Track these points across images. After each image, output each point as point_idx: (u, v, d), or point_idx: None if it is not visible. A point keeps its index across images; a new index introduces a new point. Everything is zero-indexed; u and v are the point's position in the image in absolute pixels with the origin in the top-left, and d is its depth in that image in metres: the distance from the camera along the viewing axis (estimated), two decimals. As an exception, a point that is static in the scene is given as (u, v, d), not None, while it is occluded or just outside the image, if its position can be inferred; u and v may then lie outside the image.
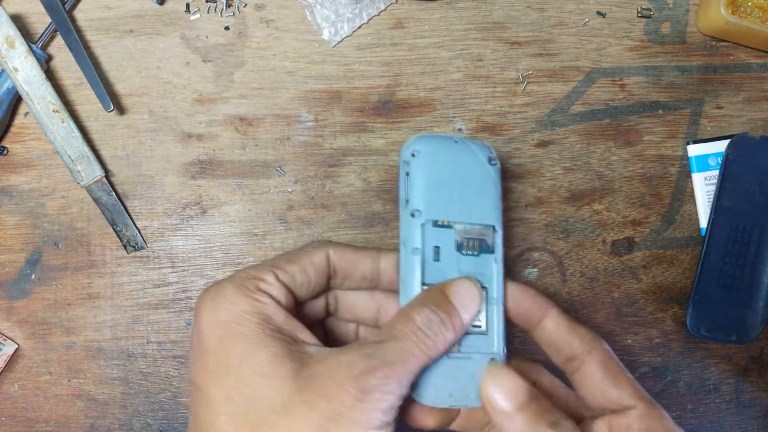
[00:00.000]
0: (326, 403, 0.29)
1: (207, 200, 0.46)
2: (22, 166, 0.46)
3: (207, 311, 0.32)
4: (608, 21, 0.48)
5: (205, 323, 0.31)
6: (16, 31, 0.42)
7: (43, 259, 0.46)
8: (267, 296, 0.32)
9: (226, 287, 0.32)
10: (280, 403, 0.29)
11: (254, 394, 0.30)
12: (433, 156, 0.35)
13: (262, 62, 0.46)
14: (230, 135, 0.46)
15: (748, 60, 0.49)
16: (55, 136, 0.43)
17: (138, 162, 0.46)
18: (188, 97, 0.46)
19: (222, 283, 0.32)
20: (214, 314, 0.31)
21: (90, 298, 0.46)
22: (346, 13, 0.46)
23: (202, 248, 0.46)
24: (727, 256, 0.46)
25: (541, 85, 0.47)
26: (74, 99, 0.46)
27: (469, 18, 0.47)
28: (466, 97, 0.47)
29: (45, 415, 0.46)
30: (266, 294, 0.32)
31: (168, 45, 0.46)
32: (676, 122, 0.48)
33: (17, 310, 0.46)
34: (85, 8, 0.45)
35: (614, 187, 0.48)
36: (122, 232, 0.46)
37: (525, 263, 0.48)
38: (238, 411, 0.29)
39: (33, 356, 0.46)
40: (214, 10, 0.46)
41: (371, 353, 0.30)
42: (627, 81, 0.48)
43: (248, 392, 0.30)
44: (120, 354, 0.46)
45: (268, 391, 0.29)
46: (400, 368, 0.30)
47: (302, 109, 0.46)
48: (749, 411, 0.49)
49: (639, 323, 0.48)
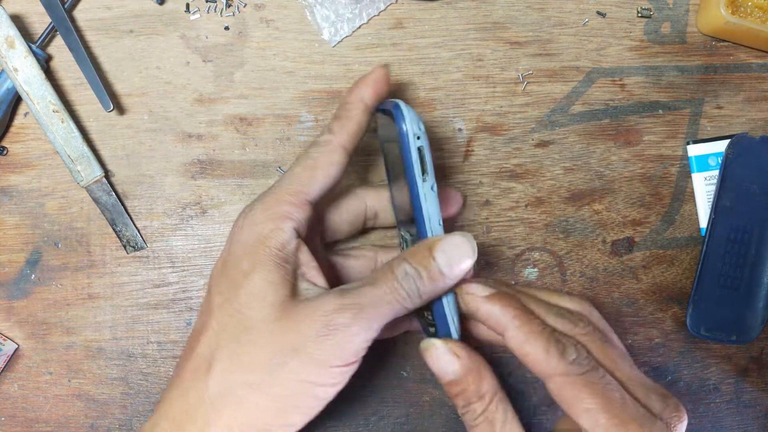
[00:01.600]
0: (294, 334, 0.31)
1: (207, 200, 0.46)
2: (22, 166, 0.46)
3: (236, 227, 0.35)
4: (608, 21, 0.48)
5: (233, 238, 0.35)
6: (16, 31, 0.42)
7: (43, 259, 0.46)
8: (289, 222, 0.34)
9: (256, 209, 0.35)
10: (258, 325, 0.32)
11: (242, 310, 0.33)
12: None
13: (262, 62, 0.46)
14: (230, 135, 0.46)
15: (748, 60, 0.49)
16: (55, 136, 0.43)
17: (138, 162, 0.46)
18: (188, 97, 0.46)
19: (255, 204, 0.35)
20: (239, 232, 0.35)
21: (90, 298, 0.46)
22: (346, 13, 0.46)
23: (202, 248, 0.46)
24: (727, 256, 0.46)
25: (541, 85, 0.47)
26: (74, 99, 0.46)
27: (469, 18, 0.47)
28: (466, 97, 0.47)
29: (45, 415, 0.46)
30: (289, 219, 0.34)
31: (168, 45, 0.46)
32: (676, 122, 0.48)
33: (17, 310, 0.46)
34: (85, 8, 0.45)
35: (614, 187, 0.48)
36: (122, 232, 0.46)
37: (525, 263, 0.48)
38: (226, 321, 0.33)
39: (33, 356, 0.46)
40: (214, 10, 0.46)
41: (346, 295, 0.32)
42: (627, 81, 0.48)
43: (238, 307, 0.33)
44: (120, 354, 0.46)
45: (253, 311, 0.32)
46: (369, 312, 0.32)
47: (302, 109, 0.46)
48: (749, 411, 0.49)
49: (639, 323, 0.48)
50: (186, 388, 0.33)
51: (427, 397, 0.47)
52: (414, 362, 0.47)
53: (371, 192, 0.42)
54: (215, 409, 0.32)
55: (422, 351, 0.35)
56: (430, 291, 0.33)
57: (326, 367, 0.31)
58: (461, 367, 0.34)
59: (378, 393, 0.47)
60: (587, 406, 0.31)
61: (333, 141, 0.36)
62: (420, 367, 0.47)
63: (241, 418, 0.32)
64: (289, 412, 0.32)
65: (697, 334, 0.47)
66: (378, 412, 0.47)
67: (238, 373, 0.32)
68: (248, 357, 0.32)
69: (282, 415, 0.32)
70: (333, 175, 0.36)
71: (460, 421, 0.47)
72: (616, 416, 0.31)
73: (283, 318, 0.32)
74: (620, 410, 0.31)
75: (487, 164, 0.47)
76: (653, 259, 0.48)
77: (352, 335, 0.31)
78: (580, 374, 0.32)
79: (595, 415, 0.31)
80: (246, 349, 0.32)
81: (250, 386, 0.31)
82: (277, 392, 0.31)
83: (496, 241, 0.47)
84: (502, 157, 0.47)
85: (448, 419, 0.47)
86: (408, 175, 0.34)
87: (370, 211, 0.42)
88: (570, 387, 0.31)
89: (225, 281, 0.34)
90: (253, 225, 0.34)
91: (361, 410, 0.47)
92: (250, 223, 0.34)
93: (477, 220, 0.47)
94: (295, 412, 0.32)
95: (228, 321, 0.33)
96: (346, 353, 0.31)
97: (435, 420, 0.47)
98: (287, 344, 0.31)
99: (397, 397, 0.47)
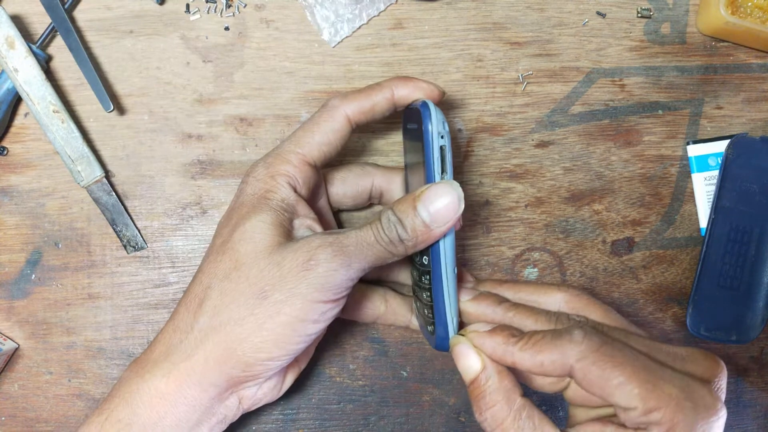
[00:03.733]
0: (277, 269, 0.33)
1: (207, 200, 0.46)
2: (22, 167, 0.46)
3: (242, 183, 0.37)
4: (608, 21, 0.48)
5: (238, 193, 0.37)
6: (16, 31, 0.42)
7: (43, 259, 0.46)
8: (286, 178, 0.36)
9: (259, 166, 0.37)
10: (248, 261, 0.34)
11: (235, 247, 0.34)
12: None
13: (262, 62, 0.46)
14: (230, 135, 0.46)
15: (748, 60, 0.49)
16: (55, 136, 0.43)
17: (138, 162, 0.46)
18: (188, 97, 0.46)
19: (258, 162, 0.38)
20: (244, 187, 0.37)
21: (90, 298, 0.46)
22: (345, 13, 0.46)
23: (202, 248, 0.46)
24: (727, 256, 0.46)
25: (541, 85, 0.47)
26: (74, 99, 0.46)
27: (469, 18, 0.47)
28: (466, 98, 0.47)
29: (45, 415, 0.46)
30: (286, 176, 0.36)
31: (168, 45, 0.46)
32: (676, 122, 0.48)
33: (17, 310, 0.46)
34: (85, 8, 0.45)
35: (614, 187, 0.48)
36: (122, 232, 0.46)
37: (525, 263, 0.48)
38: (219, 259, 0.35)
39: (33, 356, 0.46)
40: (214, 10, 0.46)
41: (331, 235, 0.34)
42: (627, 81, 0.48)
43: (232, 245, 0.35)
44: (120, 354, 0.46)
45: (246, 248, 0.34)
46: (351, 251, 0.33)
47: (302, 109, 0.46)
48: (749, 411, 0.49)
49: (639, 323, 0.48)
50: (177, 321, 0.35)
51: (427, 397, 0.47)
52: (414, 362, 0.47)
53: (380, 171, 0.43)
54: (199, 340, 0.34)
55: (451, 347, 0.36)
56: (414, 240, 0.34)
57: (307, 302, 0.33)
58: (483, 361, 0.34)
59: (378, 393, 0.47)
60: (617, 381, 0.30)
61: (339, 107, 0.38)
62: (420, 367, 0.47)
63: (220, 350, 0.33)
64: (269, 346, 0.33)
65: (697, 334, 0.47)
66: (378, 412, 0.47)
67: (225, 308, 0.34)
68: (236, 292, 0.33)
69: (263, 349, 0.33)
70: (333, 141, 0.38)
71: (460, 421, 0.47)
72: (648, 382, 0.30)
73: (272, 255, 0.33)
74: (651, 375, 0.30)
75: (487, 164, 0.47)
76: (653, 259, 0.48)
77: (332, 270, 0.33)
78: (597, 350, 0.31)
79: (626, 388, 0.30)
80: (234, 285, 0.34)
81: (234, 320, 0.33)
82: (258, 325, 0.33)
83: (496, 241, 0.47)
84: (502, 158, 0.47)
85: (448, 419, 0.47)
86: (428, 171, 0.35)
87: (375, 190, 0.43)
88: (593, 369, 0.30)
89: (226, 228, 0.36)
90: (255, 181, 0.36)
91: (361, 410, 0.47)
92: (252, 179, 0.37)
93: (477, 220, 0.47)
94: (275, 346, 0.33)
95: (221, 259, 0.35)
96: (327, 289, 0.33)
97: (435, 420, 0.47)
98: (271, 279, 0.33)
99: (397, 397, 0.47)
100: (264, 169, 0.37)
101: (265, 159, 0.37)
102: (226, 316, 0.33)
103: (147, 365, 0.35)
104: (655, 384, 0.30)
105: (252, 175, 0.37)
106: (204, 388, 0.34)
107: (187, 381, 0.34)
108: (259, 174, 0.37)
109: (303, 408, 0.47)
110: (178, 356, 0.34)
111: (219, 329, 0.33)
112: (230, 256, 0.35)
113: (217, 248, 0.36)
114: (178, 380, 0.34)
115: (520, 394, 0.33)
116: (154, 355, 0.35)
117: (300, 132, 0.38)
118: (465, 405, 0.47)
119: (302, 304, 0.33)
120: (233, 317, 0.33)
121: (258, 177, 0.37)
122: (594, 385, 0.30)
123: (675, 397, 0.30)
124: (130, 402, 0.34)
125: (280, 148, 0.38)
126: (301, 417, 0.47)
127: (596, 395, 0.31)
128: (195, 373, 0.34)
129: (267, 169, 0.37)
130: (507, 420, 0.32)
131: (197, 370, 0.34)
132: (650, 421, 0.30)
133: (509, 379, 0.33)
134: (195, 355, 0.34)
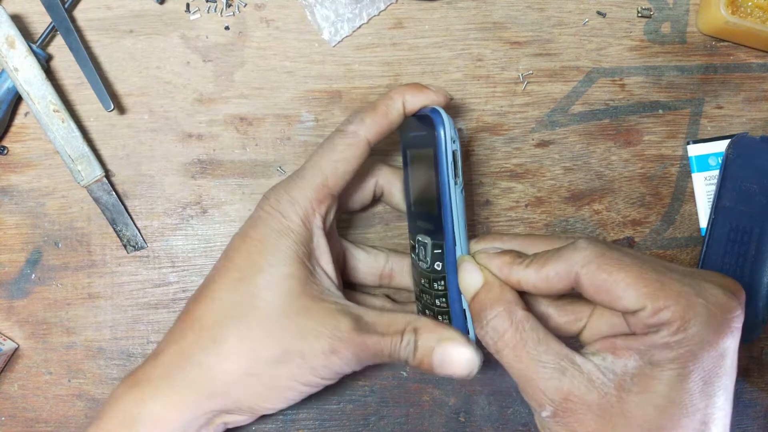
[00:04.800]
0: (302, 342, 0.34)
1: (207, 200, 0.46)
2: (22, 166, 0.46)
3: (263, 211, 0.36)
4: (608, 21, 0.48)
5: (259, 219, 0.36)
6: (16, 31, 0.42)
7: (43, 259, 0.46)
8: (314, 218, 0.36)
9: (283, 199, 0.36)
10: (272, 313, 0.34)
11: (258, 294, 0.34)
12: None
13: (262, 62, 0.46)
14: (230, 135, 0.46)
15: (748, 60, 0.49)
16: (55, 135, 0.43)
17: (138, 162, 0.46)
18: (188, 97, 0.46)
19: (281, 193, 0.36)
20: (267, 216, 0.36)
21: (90, 298, 0.46)
22: (346, 13, 0.46)
23: (202, 248, 0.46)
24: (727, 256, 0.46)
25: (541, 85, 0.47)
26: (74, 99, 0.46)
27: (469, 18, 0.47)
28: (466, 97, 0.47)
29: (45, 415, 0.46)
30: (314, 215, 0.36)
31: (168, 45, 0.46)
32: (676, 122, 0.48)
33: (17, 310, 0.46)
34: (85, 8, 0.45)
35: (614, 187, 0.48)
36: (122, 231, 0.46)
37: (525, 263, 0.48)
38: (238, 299, 0.34)
39: (33, 356, 0.46)
40: (214, 10, 0.46)
41: (359, 333, 0.34)
42: (627, 81, 0.48)
43: (254, 291, 0.34)
44: (120, 354, 0.46)
45: (269, 300, 0.34)
46: (365, 356, 0.34)
47: (302, 109, 0.46)
48: (749, 411, 0.49)
49: (639, 323, 0.48)
50: (183, 345, 0.35)
51: (427, 397, 0.47)
52: (414, 362, 0.47)
53: (383, 169, 0.43)
54: (207, 378, 0.34)
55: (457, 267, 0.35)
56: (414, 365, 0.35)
57: (318, 378, 0.35)
58: (485, 277, 0.34)
59: (378, 393, 0.47)
60: (624, 283, 0.29)
61: (360, 134, 0.37)
62: (420, 367, 0.47)
63: (228, 393, 0.34)
64: (273, 399, 0.35)
65: (697, 334, 0.47)
66: (378, 412, 0.47)
67: (243, 359, 0.34)
68: (256, 345, 0.34)
69: (267, 400, 0.35)
70: (355, 169, 0.37)
71: (459, 421, 0.47)
72: (656, 281, 0.29)
73: (299, 317, 0.34)
74: (659, 275, 0.29)
75: (487, 164, 0.47)
76: (653, 259, 0.48)
77: (347, 365, 0.35)
78: (602, 254, 0.30)
79: (634, 288, 0.29)
80: (255, 335, 0.34)
81: (250, 374, 0.34)
82: (272, 385, 0.34)
83: (496, 241, 0.47)
84: (502, 157, 0.47)
85: (448, 419, 0.47)
86: (440, 178, 0.35)
87: (378, 189, 0.43)
88: (599, 273, 0.30)
89: (245, 259, 0.35)
90: (280, 217, 0.35)
91: (361, 410, 0.47)
92: (277, 214, 0.36)
93: (477, 220, 0.47)
94: (278, 399, 0.35)
95: (240, 300, 0.34)
96: (337, 374, 0.35)
97: (435, 420, 0.47)
98: (295, 348, 0.34)
99: (397, 397, 0.47)
100: (289, 205, 0.36)
101: (289, 190, 0.36)
102: (245, 367, 0.34)
103: (147, 388, 0.34)
104: (664, 283, 0.29)
105: (277, 209, 0.36)
106: (200, 415, 0.35)
107: (186, 408, 0.34)
108: (284, 209, 0.36)
109: (303, 408, 0.47)
110: (181, 384, 0.34)
111: (233, 377, 0.34)
112: (250, 302, 0.34)
113: (234, 281, 0.35)
114: (179, 407, 0.34)
115: (522, 308, 0.32)
116: (154, 376, 0.35)
117: (323, 162, 0.36)
118: (465, 405, 0.47)
119: (313, 377, 0.35)
120: (250, 371, 0.34)
121: (283, 212, 0.36)
122: (601, 290, 0.29)
123: (685, 294, 0.28)
124: (131, 427, 0.34)
125: (303, 178, 0.36)
126: (300, 417, 0.47)
127: (604, 303, 0.30)
128: (197, 405, 0.34)
129: (293, 206, 0.36)
130: (508, 332, 0.32)
131: (201, 403, 0.34)
132: (660, 322, 0.28)
133: (511, 293, 0.33)
134: (200, 389, 0.34)
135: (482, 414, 0.47)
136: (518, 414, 0.47)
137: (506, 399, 0.47)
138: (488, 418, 0.47)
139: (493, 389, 0.47)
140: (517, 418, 0.47)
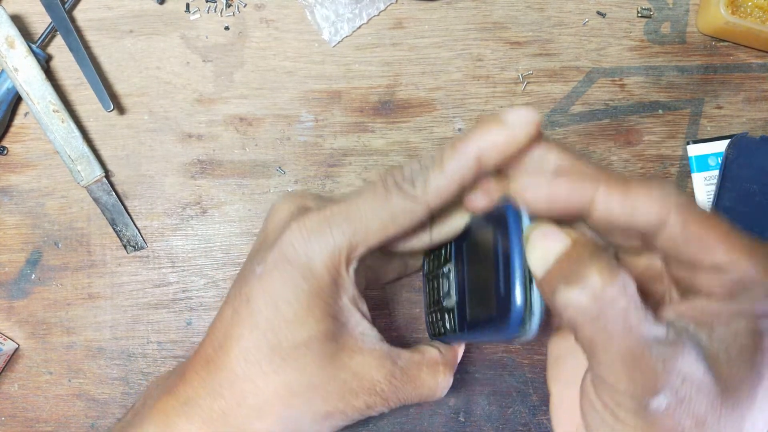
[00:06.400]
0: (340, 401, 0.32)
1: (207, 200, 0.46)
2: (22, 166, 0.46)
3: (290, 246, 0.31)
4: (608, 21, 0.48)
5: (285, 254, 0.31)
6: (16, 31, 0.42)
7: (43, 259, 0.46)
8: (347, 278, 0.32)
9: (313, 247, 0.31)
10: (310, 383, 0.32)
11: (290, 353, 0.31)
12: None
13: (262, 62, 0.46)
14: (230, 135, 0.46)
15: (748, 60, 0.49)
16: (55, 136, 0.43)
17: (138, 162, 0.46)
18: (188, 97, 0.46)
19: (312, 234, 0.31)
20: (294, 253, 0.31)
21: (90, 298, 0.46)
22: (346, 13, 0.46)
23: (202, 248, 0.46)
24: (727, 256, 0.46)
25: (541, 85, 0.47)
26: (74, 99, 0.46)
27: (469, 18, 0.47)
28: (466, 97, 0.47)
29: (45, 415, 0.46)
30: (349, 272, 0.32)
31: (168, 45, 0.46)
32: (676, 122, 0.48)
33: (17, 310, 0.46)
34: (85, 8, 0.45)
35: (614, 187, 0.48)
36: (122, 232, 0.46)
37: (525, 263, 0.48)
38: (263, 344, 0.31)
39: (33, 356, 0.46)
40: (214, 10, 0.46)
41: (396, 380, 0.34)
42: (627, 81, 0.48)
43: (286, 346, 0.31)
44: (120, 354, 0.46)
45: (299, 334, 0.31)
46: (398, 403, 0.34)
47: (302, 109, 0.46)
48: None
49: (639, 323, 0.48)
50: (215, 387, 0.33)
51: (427, 397, 0.47)
52: (414, 362, 0.47)
53: None
54: (234, 412, 0.32)
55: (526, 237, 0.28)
56: None
57: (350, 422, 0.34)
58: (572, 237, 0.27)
59: (378, 393, 0.47)
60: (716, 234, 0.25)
61: (421, 201, 0.30)
62: (420, 367, 0.47)
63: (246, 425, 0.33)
64: None
65: (697, 334, 0.47)
66: (378, 412, 0.47)
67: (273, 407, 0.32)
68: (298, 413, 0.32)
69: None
70: (405, 234, 0.32)
71: (460, 421, 0.47)
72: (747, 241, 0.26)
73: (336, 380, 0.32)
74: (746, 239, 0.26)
75: (487, 164, 0.47)
76: (653, 259, 0.48)
77: (379, 413, 0.34)
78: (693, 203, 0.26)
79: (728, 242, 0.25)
80: (298, 402, 0.32)
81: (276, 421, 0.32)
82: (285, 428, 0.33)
83: (496, 241, 0.47)
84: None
85: (448, 419, 0.47)
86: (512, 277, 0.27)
87: None
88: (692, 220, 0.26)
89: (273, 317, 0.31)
90: (310, 263, 0.31)
91: (361, 410, 0.47)
92: (307, 259, 0.31)
93: (477, 220, 0.47)
94: None
95: (266, 348, 0.32)
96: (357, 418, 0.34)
97: (435, 420, 0.47)
98: (337, 409, 0.33)
99: (397, 397, 0.47)
100: (325, 256, 0.31)
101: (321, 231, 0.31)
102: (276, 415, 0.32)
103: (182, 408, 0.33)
104: (753, 244, 0.26)
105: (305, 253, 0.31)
106: None
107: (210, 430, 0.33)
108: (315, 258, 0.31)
109: (303, 408, 0.47)
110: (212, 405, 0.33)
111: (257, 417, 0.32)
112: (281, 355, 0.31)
113: (264, 322, 0.32)
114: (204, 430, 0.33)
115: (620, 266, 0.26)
116: (188, 394, 0.33)
117: (373, 218, 0.31)
118: (465, 405, 0.47)
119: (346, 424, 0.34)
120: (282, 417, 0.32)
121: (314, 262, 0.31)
122: (693, 238, 0.25)
123: None
124: None
125: (343, 226, 0.31)
126: (301, 417, 0.47)
127: (690, 253, 0.26)
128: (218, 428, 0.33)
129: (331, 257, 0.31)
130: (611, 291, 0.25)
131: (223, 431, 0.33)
132: (753, 280, 0.25)
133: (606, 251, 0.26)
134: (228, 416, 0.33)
135: (482, 414, 0.47)
136: (518, 414, 0.47)
137: (506, 399, 0.47)
138: (488, 418, 0.47)
139: (493, 389, 0.47)
140: (517, 418, 0.47)
